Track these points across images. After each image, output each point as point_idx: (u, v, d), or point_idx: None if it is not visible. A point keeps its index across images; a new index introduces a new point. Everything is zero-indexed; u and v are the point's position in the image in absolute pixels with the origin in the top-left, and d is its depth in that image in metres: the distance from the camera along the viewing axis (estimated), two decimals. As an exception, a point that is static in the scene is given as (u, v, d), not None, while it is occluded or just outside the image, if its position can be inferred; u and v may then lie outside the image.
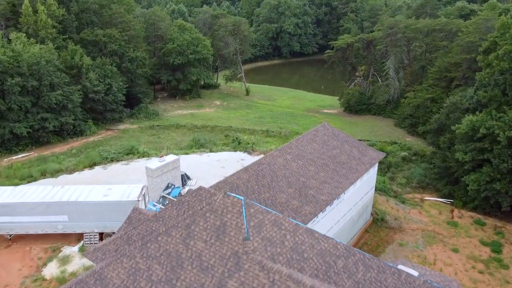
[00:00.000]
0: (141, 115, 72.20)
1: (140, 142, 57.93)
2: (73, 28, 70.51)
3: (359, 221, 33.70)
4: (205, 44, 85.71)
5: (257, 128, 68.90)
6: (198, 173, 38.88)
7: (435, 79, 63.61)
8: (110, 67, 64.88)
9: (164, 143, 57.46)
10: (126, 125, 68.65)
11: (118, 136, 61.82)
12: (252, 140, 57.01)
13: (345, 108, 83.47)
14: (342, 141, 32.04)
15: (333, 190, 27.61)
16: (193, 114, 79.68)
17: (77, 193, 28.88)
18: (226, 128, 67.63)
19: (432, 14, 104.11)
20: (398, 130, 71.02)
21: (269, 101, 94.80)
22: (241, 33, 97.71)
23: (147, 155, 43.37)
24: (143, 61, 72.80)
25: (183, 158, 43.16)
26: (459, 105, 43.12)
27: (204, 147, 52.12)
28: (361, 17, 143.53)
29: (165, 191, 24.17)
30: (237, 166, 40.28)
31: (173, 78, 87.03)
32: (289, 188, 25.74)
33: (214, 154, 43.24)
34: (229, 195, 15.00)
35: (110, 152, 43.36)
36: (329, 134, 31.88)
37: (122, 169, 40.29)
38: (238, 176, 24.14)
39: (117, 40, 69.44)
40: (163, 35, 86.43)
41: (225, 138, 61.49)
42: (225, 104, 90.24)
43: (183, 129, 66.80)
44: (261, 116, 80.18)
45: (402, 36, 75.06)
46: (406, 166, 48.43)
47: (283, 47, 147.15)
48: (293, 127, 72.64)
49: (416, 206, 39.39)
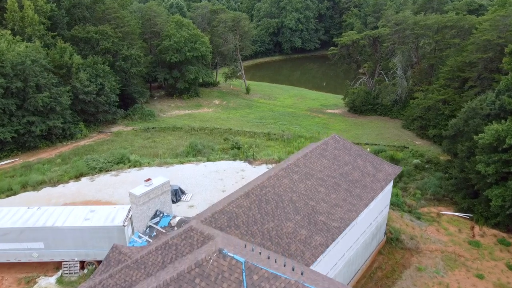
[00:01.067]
0: (136, 116, 68.58)
1: (134, 146, 54.44)
2: (63, 24, 66.70)
3: (372, 242, 30.26)
4: (203, 40, 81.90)
5: (257, 130, 65.32)
6: (194, 186, 35.40)
7: (447, 79, 59.89)
8: (102, 66, 61.16)
9: (159, 148, 53.91)
10: (120, 127, 65.05)
11: (110, 139, 58.24)
12: (253, 144, 53.50)
13: (350, 108, 79.84)
14: (354, 155, 28.48)
15: (346, 214, 24.13)
16: (191, 114, 76.04)
17: (54, 216, 25.42)
18: (225, 130, 64.03)
19: (439, 9, 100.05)
20: (406, 132, 67.44)
21: (270, 100, 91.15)
22: (241, 29, 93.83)
23: (139, 165, 39.90)
24: (137, 59, 69.07)
25: (178, 168, 39.67)
26: (479, 111, 39.52)
27: (201, 154, 48.57)
28: (364, 12, 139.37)
29: (153, 220, 20.74)
30: (236, 177, 36.82)
31: (170, 76, 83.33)
32: (297, 214, 22.25)
33: (211, 164, 39.77)
34: (225, 254, 11.49)
35: (98, 161, 39.89)
36: (340, 148, 28.31)
37: (110, 181, 36.83)
38: (237, 204, 20.64)
39: (110, 37, 65.69)
40: (159, 32, 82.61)
41: (224, 142, 57.99)
42: (225, 103, 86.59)
43: (180, 132, 63.22)
44: (262, 117, 76.58)
45: (410, 33, 71.30)
46: (419, 175, 44.93)
47: (284, 43, 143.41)
48: (295, 128, 69.06)
49: (433, 222, 35.92)
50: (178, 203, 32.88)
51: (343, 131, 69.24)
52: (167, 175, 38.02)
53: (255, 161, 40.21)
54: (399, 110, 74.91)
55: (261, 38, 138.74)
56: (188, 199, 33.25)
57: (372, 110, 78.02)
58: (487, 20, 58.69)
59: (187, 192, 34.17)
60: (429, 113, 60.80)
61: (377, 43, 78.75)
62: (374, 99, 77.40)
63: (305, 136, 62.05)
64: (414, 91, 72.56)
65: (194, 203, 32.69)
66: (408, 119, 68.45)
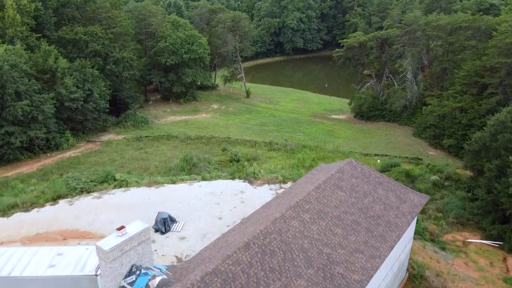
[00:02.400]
0: (128, 124, 64.02)
1: (124, 158, 50.01)
2: (51, 25, 62.10)
3: (393, 284, 25.76)
4: (201, 42, 77.35)
5: (258, 139, 60.81)
6: (186, 212, 30.90)
7: (464, 85, 55.46)
8: (91, 70, 56.69)
9: (151, 160, 49.46)
10: (110, 135, 60.54)
11: (99, 150, 53.77)
12: (253, 159, 49.12)
13: (356, 114, 75.33)
14: (374, 184, 23.96)
15: (368, 262, 19.65)
16: (188, 121, 71.52)
17: (12, 261, 20.99)
18: (224, 139, 59.51)
19: (447, 9, 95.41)
20: (417, 141, 63.01)
21: (271, 104, 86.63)
22: (241, 30, 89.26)
23: (125, 184, 35.41)
24: (130, 62, 64.50)
25: (169, 189, 35.16)
26: (509, 124, 35.02)
27: (197, 169, 44.08)
28: (368, 12, 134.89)
29: (127, 279, 16.30)
30: (235, 201, 32.36)
31: (166, 79, 78.81)
32: (309, 267, 17.76)
33: (207, 184, 35.30)
34: None
35: (80, 180, 35.44)
36: (357, 175, 23.79)
37: (92, 205, 32.40)
38: (235, 259, 16.15)
39: (100, 39, 61.17)
40: (154, 32, 78.08)
41: (222, 153, 53.56)
42: (224, 108, 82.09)
43: (175, 141, 58.71)
44: (263, 123, 72.08)
45: (421, 34, 66.83)
46: (438, 193, 40.42)
47: (286, 43, 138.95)
48: (299, 136, 64.58)
49: (460, 253, 31.45)
50: (167, 234, 28.39)
51: (350, 139, 64.80)
52: (157, 198, 33.50)
53: (256, 181, 35.72)
54: (409, 116, 70.49)
55: (262, 38, 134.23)
56: (179, 229, 28.78)
57: (380, 116, 73.56)
58: (505, 21, 54.26)
59: (178, 220, 29.73)
60: (443, 122, 56.33)
61: (385, 45, 74.27)
62: (382, 104, 72.95)
63: (310, 146, 57.56)
64: (425, 96, 68.20)
65: (186, 234, 28.20)
66: (419, 127, 64.01)
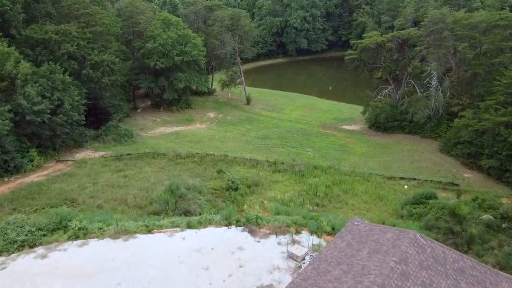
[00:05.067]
0: (109, 138, 54.88)
1: (97, 185, 40.97)
2: (18, 22, 52.94)
3: None
4: (195, 42, 68.19)
5: (261, 157, 51.70)
6: (161, 284, 21.86)
7: (507, 94, 46.32)
8: (61, 76, 47.57)
9: (131, 187, 40.40)
10: (87, 153, 51.43)
11: (69, 172, 44.65)
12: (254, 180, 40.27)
13: (371, 125, 66.15)
14: (454, 275, 14.80)
15: None
16: (179, 133, 62.36)
17: None
18: (220, 158, 50.42)
19: (465, 7, 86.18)
20: (446, 159, 53.91)
21: (274, 112, 77.49)
22: (241, 29, 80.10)
23: (83, 235, 26.13)
24: (111, 66, 55.35)
25: (141, 242, 25.98)
26: None
27: (184, 202, 35.06)
28: (378, 10, 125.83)
29: None
30: (231, 265, 23.25)
31: (156, 85, 69.69)
32: None
33: (193, 235, 26.10)
34: None
35: (22, 229, 26.30)
36: (428, 264, 14.66)
37: (32, 269, 23.26)
38: None
39: (74, 39, 52.04)
40: (143, 32, 68.95)
41: (217, 176, 44.56)
42: (221, 116, 72.93)
43: (162, 160, 49.62)
44: (266, 136, 62.91)
45: (449, 34, 57.65)
46: (495, 239, 31.23)
47: (289, 43, 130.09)
48: (308, 153, 55.51)
49: None
50: None
51: (367, 156, 55.69)
52: (123, 259, 24.30)
53: (259, 229, 26.61)
54: (433, 128, 61.46)
55: (263, 38, 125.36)
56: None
57: (399, 128, 64.47)
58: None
59: (148, 300, 20.76)
60: (482, 138, 47.22)
61: (405, 46, 65.15)
62: (401, 114, 63.81)
63: (322, 167, 48.46)
64: (451, 105, 59.21)
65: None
66: (448, 142, 54.97)
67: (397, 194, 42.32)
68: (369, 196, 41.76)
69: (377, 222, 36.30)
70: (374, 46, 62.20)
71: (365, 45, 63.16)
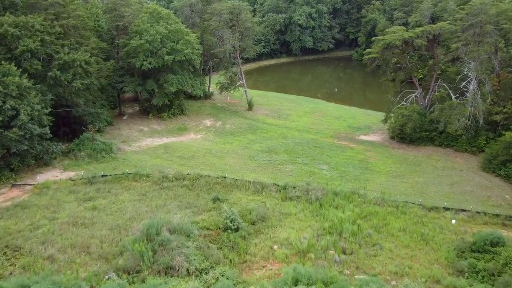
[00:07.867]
0: (82, 153, 45.18)
1: (54, 224, 31.48)
2: (-27, 14, 43.51)
3: None
4: (188, 39, 58.47)
5: (267, 179, 42.06)
6: None
7: None
8: (17, 80, 37.87)
9: (98, 228, 30.84)
10: (53, 173, 41.85)
11: (23, 203, 35.03)
12: (260, 213, 30.63)
13: (395, 135, 56.36)
14: None
15: None
16: (169, 146, 52.66)
17: None
18: (216, 180, 40.81)
19: (491, 1, 76.33)
20: (493, 180, 44.43)
21: (280, 120, 67.68)
22: (242, 24, 70.33)
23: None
24: (85, 67, 45.64)
25: None
26: None
27: (165, 254, 25.54)
28: (389, 5, 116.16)
29: None
30: None
31: (143, 89, 59.99)
32: None
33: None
34: None
35: None
36: None
37: None
38: None
39: (38, 33, 42.35)
40: (128, 26, 59.26)
41: (212, 207, 35.08)
42: (219, 125, 63.19)
43: (145, 183, 40.06)
44: (271, 149, 53.18)
45: (493, 29, 48.00)
46: None
47: (293, 42, 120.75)
48: (323, 172, 45.89)
49: None
50: None
51: (395, 176, 46.02)
52: None
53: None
54: (470, 140, 51.77)
55: (266, 36, 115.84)
56: None
57: (428, 139, 54.82)
58: None
59: None
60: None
61: (435, 44, 55.46)
62: (430, 123, 54.14)
63: (343, 193, 38.74)
64: (492, 113, 49.63)
65: None
66: (493, 159, 45.30)
67: (446, 234, 32.67)
68: (409, 236, 32.21)
69: (429, 280, 26.72)
70: (400, 43, 52.47)
71: (388, 42, 53.41)
